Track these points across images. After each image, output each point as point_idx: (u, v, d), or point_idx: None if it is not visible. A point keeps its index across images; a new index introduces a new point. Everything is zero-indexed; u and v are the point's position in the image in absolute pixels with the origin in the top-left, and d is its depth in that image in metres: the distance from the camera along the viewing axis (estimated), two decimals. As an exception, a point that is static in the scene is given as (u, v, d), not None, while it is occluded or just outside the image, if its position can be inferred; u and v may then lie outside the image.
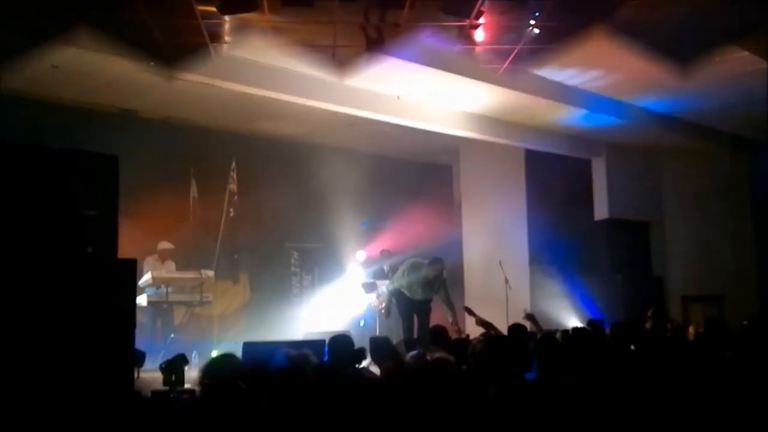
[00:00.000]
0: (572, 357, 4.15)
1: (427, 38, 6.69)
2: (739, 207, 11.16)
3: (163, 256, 8.43)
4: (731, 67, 7.59)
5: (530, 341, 4.93)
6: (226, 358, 4.23)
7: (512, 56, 6.80)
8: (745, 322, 6.09)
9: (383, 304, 9.36)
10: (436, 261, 7.87)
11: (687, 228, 11.52)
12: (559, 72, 7.95)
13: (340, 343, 4.45)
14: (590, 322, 6.82)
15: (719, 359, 4.41)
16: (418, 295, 7.83)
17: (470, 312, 6.92)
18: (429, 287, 7.83)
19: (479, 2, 5.82)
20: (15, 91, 7.61)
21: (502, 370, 3.83)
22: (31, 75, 7.48)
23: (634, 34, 6.27)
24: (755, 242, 11.09)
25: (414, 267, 7.91)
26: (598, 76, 8.11)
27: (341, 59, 6.55)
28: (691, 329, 6.83)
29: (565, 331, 5.89)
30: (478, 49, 6.82)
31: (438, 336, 5.57)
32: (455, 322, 7.41)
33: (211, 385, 3.56)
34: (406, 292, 7.90)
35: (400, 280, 7.94)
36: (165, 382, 5.07)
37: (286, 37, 6.34)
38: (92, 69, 7.47)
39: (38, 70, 7.40)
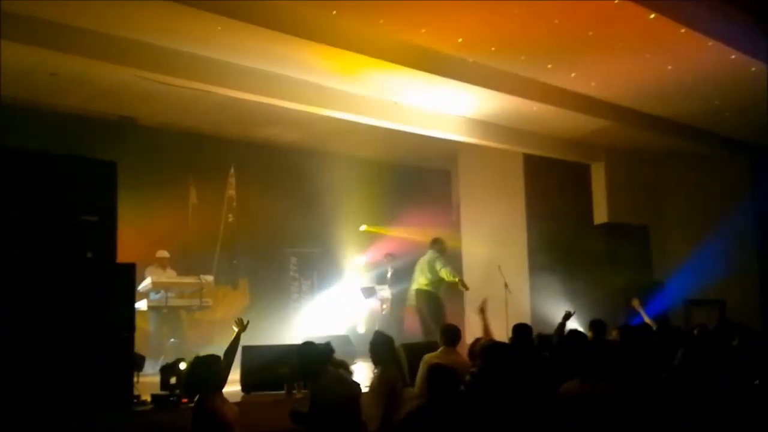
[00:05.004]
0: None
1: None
2: (740, 210, 11.15)
3: (162, 264, 8.45)
4: (731, 70, 7.61)
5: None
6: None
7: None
8: None
9: (385, 309, 9.45)
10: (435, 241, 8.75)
11: (688, 232, 11.51)
12: (557, 76, 7.97)
13: (306, 353, 4.32)
14: (593, 324, 6.80)
15: None
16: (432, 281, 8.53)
17: (483, 311, 6.70)
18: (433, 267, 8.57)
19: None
20: (15, 99, 7.66)
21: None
22: (30, 82, 7.54)
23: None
24: (756, 246, 11.07)
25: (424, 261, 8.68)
26: (597, 80, 8.13)
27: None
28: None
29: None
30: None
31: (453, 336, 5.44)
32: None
33: None
34: (431, 288, 8.53)
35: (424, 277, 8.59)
36: (162, 385, 5.09)
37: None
38: (91, 76, 7.52)
39: (37, 78, 7.46)
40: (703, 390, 3.98)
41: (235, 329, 4.49)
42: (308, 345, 4.34)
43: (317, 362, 4.21)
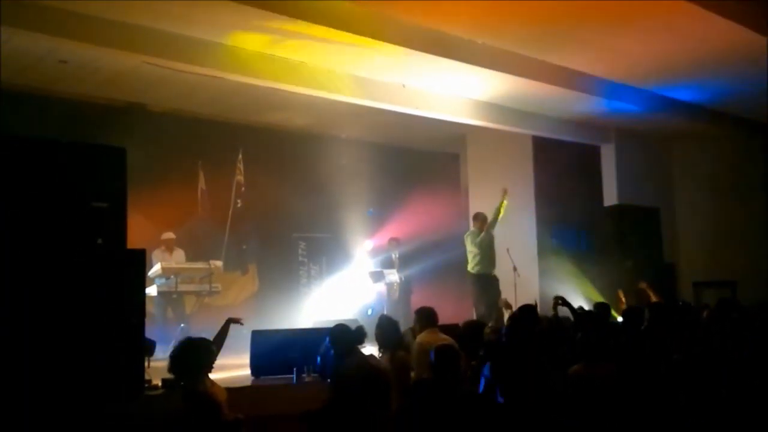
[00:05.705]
0: None
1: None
2: (751, 191, 11.07)
3: (169, 246, 8.47)
4: (742, 50, 7.52)
5: None
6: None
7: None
8: None
9: (394, 293, 9.49)
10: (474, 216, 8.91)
11: (698, 213, 11.45)
12: (568, 57, 7.90)
13: (339, 332, 4.49)
14: (597, 307, 6.81)
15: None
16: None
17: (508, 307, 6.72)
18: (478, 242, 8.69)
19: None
20: (24, 86, 7.69)
21: None
22: (39, 70, 7.57)
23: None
24: (767, 227, 11.01)
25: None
26: (608, 62, 8.04)
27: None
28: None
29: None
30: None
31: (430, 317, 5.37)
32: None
33: None
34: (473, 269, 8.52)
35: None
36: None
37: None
38: (100, 63, 7.54)
39: (47, 65, 7.48)
40: (709, 376, 3.99)
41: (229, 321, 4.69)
42: (341, 326, 4.53)
43: (346, 342, 4.39)
